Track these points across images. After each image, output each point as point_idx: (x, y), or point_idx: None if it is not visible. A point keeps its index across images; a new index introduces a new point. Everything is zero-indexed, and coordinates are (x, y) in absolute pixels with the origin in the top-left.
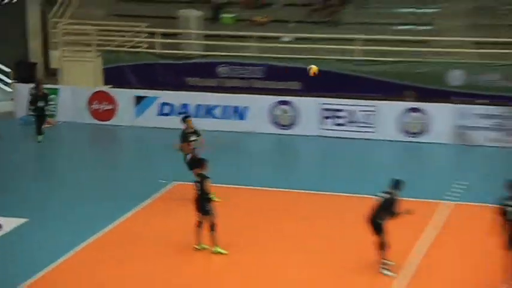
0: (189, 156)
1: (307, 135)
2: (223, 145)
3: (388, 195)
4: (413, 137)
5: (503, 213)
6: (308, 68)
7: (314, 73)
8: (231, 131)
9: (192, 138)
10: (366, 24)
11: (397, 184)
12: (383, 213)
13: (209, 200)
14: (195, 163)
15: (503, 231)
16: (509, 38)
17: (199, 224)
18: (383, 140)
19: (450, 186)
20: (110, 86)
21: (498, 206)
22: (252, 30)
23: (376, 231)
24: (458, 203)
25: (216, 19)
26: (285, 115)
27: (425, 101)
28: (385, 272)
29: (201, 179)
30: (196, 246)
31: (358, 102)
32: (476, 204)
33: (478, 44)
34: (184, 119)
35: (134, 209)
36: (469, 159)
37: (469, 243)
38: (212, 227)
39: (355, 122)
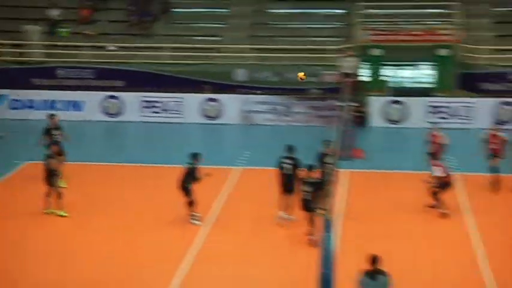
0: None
1: (131, 121)
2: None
3: (190, 165)
4: (211, 120)
5: (281, 168)
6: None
7: (301, 78)
8: (71, 120)
9: (54, 132)
10: (173, 36)
11: (195, 156)
12: (188, 178)
13: (56, 174)
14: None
15: (280, 181)
16: (278, 45)
17: (48, 194)
18: (189, 123)
19: (239, 156)
20: None
21: (277, 163)
22: (84, 41)
23: (185, 193)
24: (246, 167)
25: (53, 33)
26: (113, 106)
27: (219, 93)
28: (195, 222)
29: (48, 158)
30: (45, 211)
31: (169, 95)
32: (258, 168)
33: (256, 50)
34: (51, 116)
35: None
36: (252, 135)
37: (256, 196)
38: (59, 196)
39: (168, 110)
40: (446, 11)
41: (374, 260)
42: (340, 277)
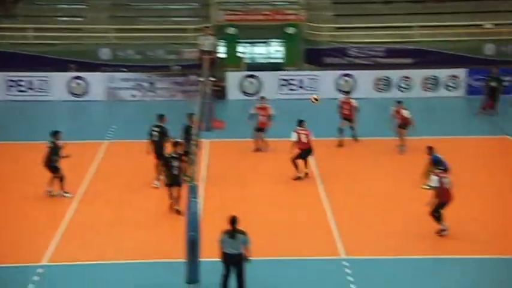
0: None
1: None
2: None
3: (52, 144)
4: (78, 97)
5: (150, 135)
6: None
7: (315, 101)
8: None
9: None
10: (36, 17)
11: (55, 134)
12: (53, 156)
13: None
14: None
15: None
16: (140, 25)
17: None
18: (56, 101)
19: (106, 131)
20: None
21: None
22: None
23: (52, 171)
24: (112, 141)
25: None
26: None
27: (85, 71)
28: (66, 195)
29: None
30: None
31: (34, 74)
32: (125, 140)
33: (118, 30)
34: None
35: None
36: (118, 110)
37: (123, 166)
38: None
39: (33, 89)
40: None
41: (233, 220)
42: (205, 238)
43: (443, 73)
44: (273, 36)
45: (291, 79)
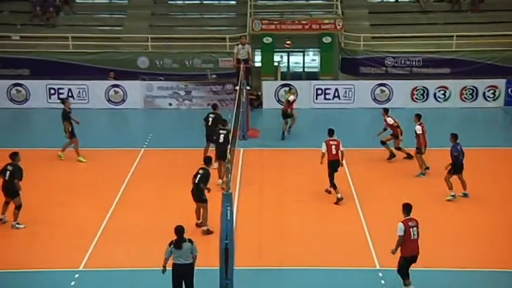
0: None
1: (37, 108)
2: None
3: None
4: (116, 105)
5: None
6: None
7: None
8: None
9: (72, 116)
10: (76, 26)
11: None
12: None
13: None
14: None
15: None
16: (178, 34)
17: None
18: (95, 109)
19: (144, 138)
20: None
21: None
22: None
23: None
24: (149, 148)
25: None
26: (19, 94)
27: (123, 80)
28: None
29: None
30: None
31: (74, 82)
32: (161, 148)
33: (157, 39)
34: (64, 101)
35: None
36: (155, 118)
37: (157, 172)
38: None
39: (72, 97)
40: (328, 2)
41: (179, 230)
42: (239, 246)
43: (481, 83)
44: (309, 46)
45: (327, 88)
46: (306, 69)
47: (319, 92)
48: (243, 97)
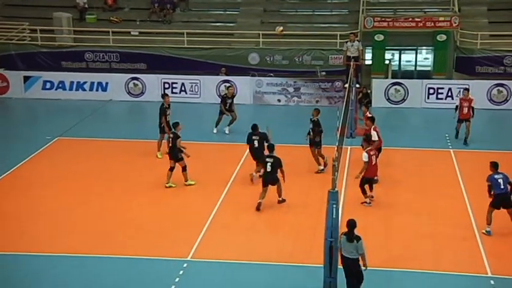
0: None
1: (152, 101)
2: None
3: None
4: None
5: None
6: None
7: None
8: (96, 100)
9: (168, 111)
10: (191, 22)
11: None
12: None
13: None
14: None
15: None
16: (288, 31)
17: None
18: (206, 103)
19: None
20: (3, 68)
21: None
22: (109, 27)
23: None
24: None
25: (81, 19)
26: (136, 88)
27: (234, 75)
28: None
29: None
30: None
31: (187, 77)
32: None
33: (268, 36)
34: (163, 96)
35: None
36: (264, 114)
37: None
38: (184, 168)
39: (185, 91)
40: None
41: (351, 224)
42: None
43: None
44: (423, 44)
45: (439, 88)
46: (418, 68)
47: (431, 91)
48: (352, 95)
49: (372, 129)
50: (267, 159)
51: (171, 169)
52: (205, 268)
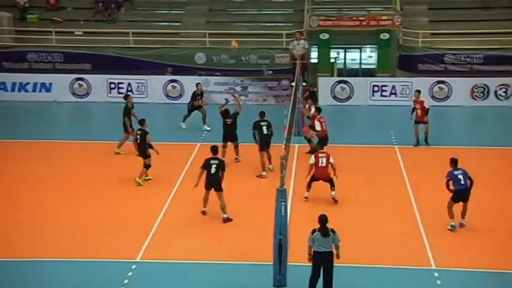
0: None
1: (98, 102)
2: None
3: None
4: (174, 100)
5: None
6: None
7: (234, 46)
8: (40, 101)
9: (133, 111)
10: (136, 22)
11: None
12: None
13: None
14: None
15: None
16: (234, 30)
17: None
18: (153, 103)
19: (201, 133)
20: None
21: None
22: (52, 27)
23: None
24: (205, 143)
25: (22, 19)
26: (81, 88)
27: (180, 75)
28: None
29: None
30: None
31: (133, 77)
32: (216, 143)
33: (214, 35)
34: (126, 97)
35: None
36: (213, 113)
37: None
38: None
39: (131, 91)
40: None
41: (324, 219)
42: (293, 242)
43: None
44: (367, 42)
45: (384, 85)
46: (362, 66)
47: (376, 88)
48: (298, 93)
49: (316, 119)
50: (212, 162)
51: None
52: (154, 269)
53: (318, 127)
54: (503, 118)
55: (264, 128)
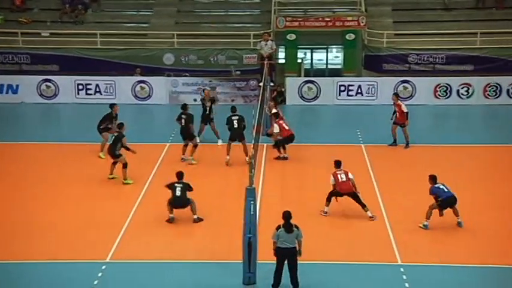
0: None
1: (66, 103)
2: None
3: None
4: (142, 100)
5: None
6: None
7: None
8: (6, 102)
9: (114, 120)
10: (103, 23)
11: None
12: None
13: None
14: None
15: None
16: (202, 31)
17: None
18: (122, 104)
19: (169, 133)
20: None
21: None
22: (18, 28)
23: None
24: (174, 143)
25: None
26: (48, 89)
27: (149, 76)
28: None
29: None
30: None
31: (101, 78)
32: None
33: (182, 36)
34: (112, 106)
35: None
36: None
37: (182, 167)
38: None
39: (99, 92)
40: None
41: (288, 216)
42: (262, 240)
43: (505, 80)
44: (333, 43)
45: (350, 85)
46: (329, 66)
47: (342, 88)
48: (266, 93)
49: (274, 122)
50: (176, 185)
51: (114, 163)
52: (124, 269)
53: (276, 129)
54: (465, 116)
55: (235, 122)
